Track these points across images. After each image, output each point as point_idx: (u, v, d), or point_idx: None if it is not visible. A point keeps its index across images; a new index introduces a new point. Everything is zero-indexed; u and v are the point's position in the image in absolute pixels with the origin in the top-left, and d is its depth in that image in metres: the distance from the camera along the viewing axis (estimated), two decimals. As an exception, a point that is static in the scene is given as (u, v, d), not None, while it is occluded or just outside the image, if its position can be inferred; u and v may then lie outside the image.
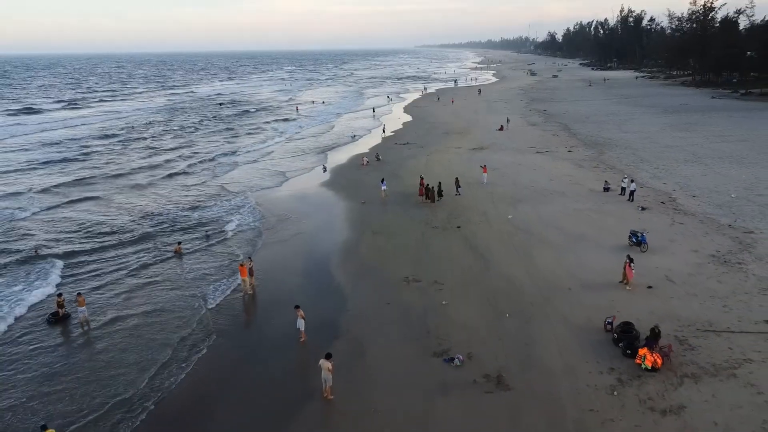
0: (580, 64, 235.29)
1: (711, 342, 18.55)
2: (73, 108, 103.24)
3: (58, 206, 38.58)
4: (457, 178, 38.48)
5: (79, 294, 22.09)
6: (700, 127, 60.87)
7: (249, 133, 70.36)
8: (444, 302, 22.40)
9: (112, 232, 32.59)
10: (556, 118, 73.38)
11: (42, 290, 24.54)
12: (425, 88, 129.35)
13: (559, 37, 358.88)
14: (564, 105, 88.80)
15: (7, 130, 73.56)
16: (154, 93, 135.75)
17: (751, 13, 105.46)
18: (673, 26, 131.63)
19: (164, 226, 33.68)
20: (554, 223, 31.30)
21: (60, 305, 21.94)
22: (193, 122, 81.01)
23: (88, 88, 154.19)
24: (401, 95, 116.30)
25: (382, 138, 62.55)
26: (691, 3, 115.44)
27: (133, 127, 76.67)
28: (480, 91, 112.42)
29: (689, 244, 27.11)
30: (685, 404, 15.51)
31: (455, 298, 22.80)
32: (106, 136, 68.21)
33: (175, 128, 75.26)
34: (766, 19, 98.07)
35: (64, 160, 54.54)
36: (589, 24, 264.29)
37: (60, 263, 27.69)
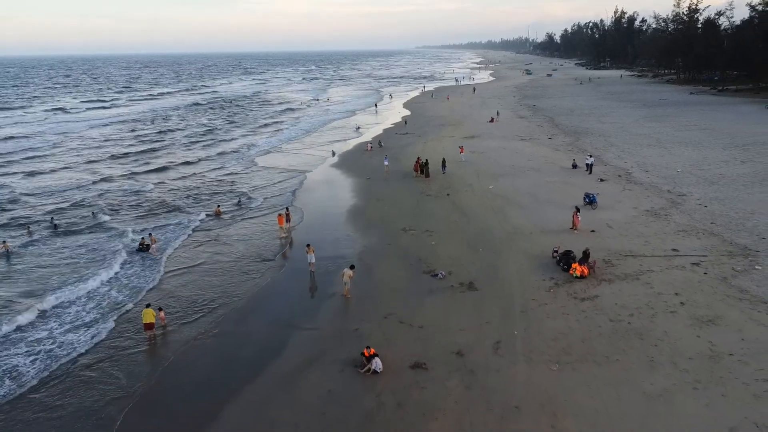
0: (576, 64, 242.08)
1: (628, 262, 25.13)
2: (129, 103, 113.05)
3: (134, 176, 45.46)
4: (443, 159, 45.06)
5: (150, 234, 29.06)
6: (671, 119, 67.44)
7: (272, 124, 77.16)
8: (433, 243, 29.01)
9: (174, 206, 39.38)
10: (544, 112, 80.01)
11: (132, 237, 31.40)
12: (424, 86, 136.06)
13: (558, 38, 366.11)
14: (553, 101, 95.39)
15: (80, 125, 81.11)
16: (186, 92, 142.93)
17: (731, 15, 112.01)
18: (658, 27, 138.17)
19: (208, 194, 40.42)
20: (527, 191, 37.90)
21: (144, 243, 28.94)
22: (225, 118, 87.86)
23: (126, 87, 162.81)
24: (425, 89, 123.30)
25: (383, 129, 69.25)
26: (674, 5, 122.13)
27: (182, 118, 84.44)
28: (474, 90, 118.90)
29: (631, 203, 33.73)
30: (598, 295, 22.09)
31: (442, 240, 29.40)
32: (169, 130, 74.76)
33: (207, 121, 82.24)
34: (740, 21, 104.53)
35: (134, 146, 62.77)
36: (586, 25, 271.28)
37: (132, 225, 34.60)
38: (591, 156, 43.10)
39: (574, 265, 24.07)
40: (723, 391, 15.74)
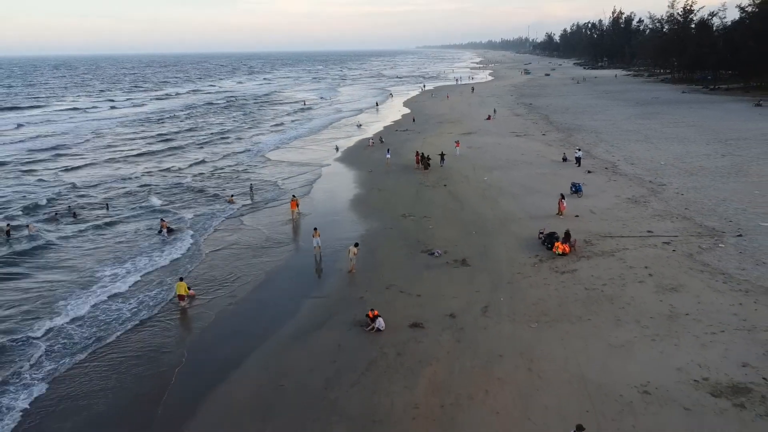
0: (574, 63, 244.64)
1: (606, 242, 27.81)
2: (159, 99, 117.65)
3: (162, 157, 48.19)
4: (442, 152, 47.72)
5: (162, 220, 32.32)
6: (661, 116, 70.09)
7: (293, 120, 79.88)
8: (430, 226, 31.71)
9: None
10: (539, 110, 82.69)
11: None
12: (423, 86, 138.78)
13: (557, 38, 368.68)
14: (549, 99, 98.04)
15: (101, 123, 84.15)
16: (199, 92, 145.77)
17: (723, 16, 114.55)
18: (654, 27, 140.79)
19: (224, 180, 43.17)
20: (519, 182, 40.58)
21: (165, 226, 31.74)
22: (239, 116, 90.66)
23: (137, 86, 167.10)
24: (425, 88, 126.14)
25: (384, 126, 71.97)
26: (669, 6, 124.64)
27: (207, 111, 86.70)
28: (473, 89, 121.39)
29: (614, 192, 36.42)
30: (577, 269, 24.76)
31: (438, 224, 32.09)
32: (191, 129, 77.42)
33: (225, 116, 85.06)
34: (731, 21, 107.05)
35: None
36: (585, 25, 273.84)
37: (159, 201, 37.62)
38: (580, 149, 45.84)
39: (556, 244, 26.74)
40: (676, 342, 18.42)
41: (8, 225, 33.09)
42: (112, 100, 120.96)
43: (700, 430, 14.28)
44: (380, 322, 20.32)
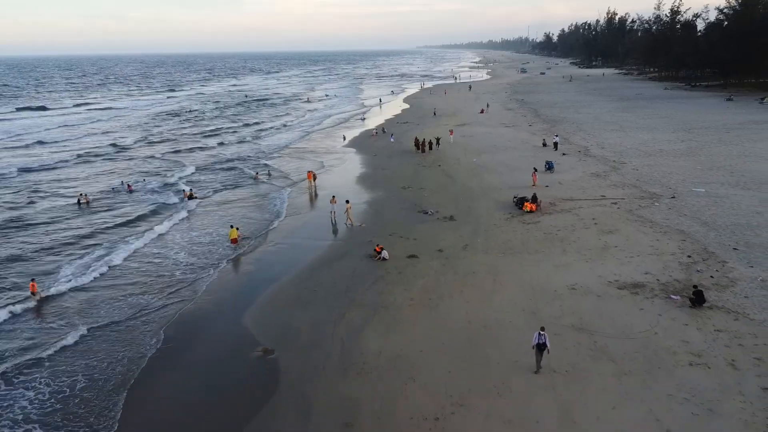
0: (571, 63, 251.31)
1: (567, 203, 34.46)
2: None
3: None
4: (438, 138, 54.36)
5: (191, 189, 38.89)
6: (639, 110, 76.70)
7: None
8: (425, 195, 38.39)
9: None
10: (530, 105, 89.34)
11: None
12: (423, 84, 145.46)
13: (555, 37, 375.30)
14: (540, 96, 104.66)
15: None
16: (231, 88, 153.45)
17: (706, 17, 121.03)
18: (644, 27, 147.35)
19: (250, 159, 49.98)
20: (503, 162, 47.23)
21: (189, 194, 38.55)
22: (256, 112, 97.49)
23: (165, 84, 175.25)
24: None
25: (386, 119, 78.72)
26: (655, 8, 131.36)
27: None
28: (470, 87, 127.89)
29: (582, 169, 43.07)
30: (539, 221, 31.41)
31: (432, 194, 38.75)
32: (225, 124, 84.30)
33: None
34: (709, 23, 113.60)
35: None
36: (582, 25, 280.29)
37: (184, 185, 43.99)
38: (557, 136, 52.48)
39: (525, 204, 33.42)
40: (603, 263, 25.07)
41: (83, 195, 39.67)
42: (172, 91, 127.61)
43: (604, 307, 20.92)
44: (385, 254, 27.00)
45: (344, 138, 63.85)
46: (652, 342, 18.32)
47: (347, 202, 33.15)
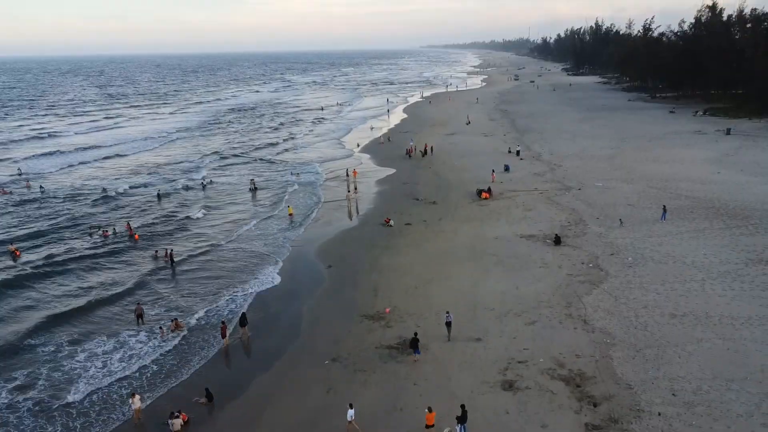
0: (562, 68, 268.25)
1: (510, 193, 52.42)
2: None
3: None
4: (431, 146, 72.47)
5: (251, 179, 57.13)
6: (595, 120, 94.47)
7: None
8: (418, 188, 56.51)
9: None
10: (510, 115, 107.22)
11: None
12: (422, 93, 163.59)
13: (552, 42, 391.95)
14: (523, 106, 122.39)
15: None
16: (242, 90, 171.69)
17: (671, 35, 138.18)
18: (619, 39, 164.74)
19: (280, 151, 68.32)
20: (477, 164, 65.23)
21: (253, 184, 56.79)
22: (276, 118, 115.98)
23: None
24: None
25: (388, 129, 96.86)
26: (626, 27, 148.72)
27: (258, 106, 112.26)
28: (477, 99, 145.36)
29: (528, 170, 61.09)
30: (490, 204, 49.44)
31: (422, 186, 56.84)
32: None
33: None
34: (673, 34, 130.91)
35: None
36: (577, 31, 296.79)
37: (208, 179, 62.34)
38: (519, 145, 70.30)
39: (482, 194, 51.47)
40: (518, 226, 43.01)
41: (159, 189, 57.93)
42: (244, 90, 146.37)
43: (509, 246, 38.92)
44: (392, 222, 45.14)
45: (358, 145, 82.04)
46: (527, 257, 36.36)
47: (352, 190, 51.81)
